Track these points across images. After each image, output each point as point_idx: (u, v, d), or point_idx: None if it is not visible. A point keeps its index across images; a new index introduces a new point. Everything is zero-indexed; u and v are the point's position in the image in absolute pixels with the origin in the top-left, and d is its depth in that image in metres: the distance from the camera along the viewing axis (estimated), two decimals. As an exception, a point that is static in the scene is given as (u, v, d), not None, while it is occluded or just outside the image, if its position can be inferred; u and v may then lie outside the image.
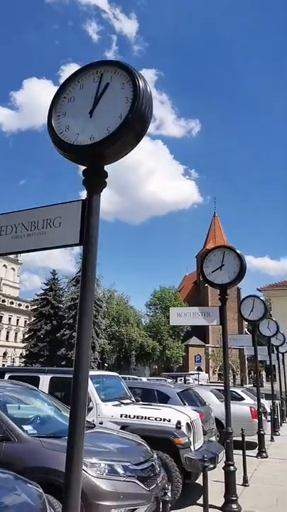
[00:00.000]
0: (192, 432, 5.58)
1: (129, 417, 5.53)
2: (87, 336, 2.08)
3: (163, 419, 5.40)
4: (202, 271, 6.03)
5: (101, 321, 50.79)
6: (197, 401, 7.99)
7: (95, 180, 2.23)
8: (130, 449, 4.13)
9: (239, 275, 5.78)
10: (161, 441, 5.22)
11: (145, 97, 2.09)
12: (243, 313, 9.54)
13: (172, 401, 7.43)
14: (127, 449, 4.09)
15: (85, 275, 2.14)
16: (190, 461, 5.12)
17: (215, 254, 6.05)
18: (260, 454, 8.68)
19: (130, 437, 4.57)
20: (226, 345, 5.64)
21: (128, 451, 4.04)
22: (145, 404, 6.08)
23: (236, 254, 5.90)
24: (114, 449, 3.85)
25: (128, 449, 4.07)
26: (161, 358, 66.59)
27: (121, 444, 4.23)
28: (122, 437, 4.51)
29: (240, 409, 10.05)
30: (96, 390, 5.81)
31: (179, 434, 5.21)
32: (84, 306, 2.12)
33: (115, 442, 4.21)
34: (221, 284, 5.88)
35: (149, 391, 7.76)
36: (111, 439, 4.32)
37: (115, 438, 4.43)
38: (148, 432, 5.28)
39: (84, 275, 2.14)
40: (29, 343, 50.67)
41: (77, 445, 2.01)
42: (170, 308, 6.16)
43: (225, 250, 6.01)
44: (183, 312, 6.02)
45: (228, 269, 5.88)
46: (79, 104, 2.25)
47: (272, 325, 12.86)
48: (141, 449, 4.27)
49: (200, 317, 5.94)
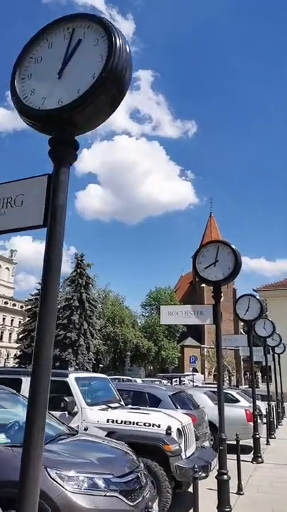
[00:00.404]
0: (184, 438, 5.25)
1: (116, 422, 5.19)
2: (48, 331, 1.76)
3: (152, 425, 5.06)
4: (195, 267, 5.70)
5: (96, 322, 50.38)
6: (189, 404, 7.67)
7: (63, 150, 1.85)
8: (114, 459, 3.79)
9: (233, 271, 5.45)
10: (150, 449, 4.89)
11: (123, 54, 1.77)
12: (238, 312, 9.22)
13: (163, 404, 7.10)
14: (111, 459, 3.74)
15: (49, 262, 1.80)
16: (181, 469, 4.78)
17: (209, 249, 5.72)
18: (255, 459, 8.36)
19: (115, 445, 4.22)
20: (220, 345, 5.31)
21: (112, 461, 3.70)
22: (134, 409, 5.74)
23: (231, 249, 5.57)
24: (96, 460, 3.50)
25: (111, 459, 3.73)
26: (157, 358, 66.25)
27: (104, 453, 3.89)
28: (107, 445, 4.17)
29: (235, 411, 9.74)
30: (81, 393, 5.46)
31: (169, 440, 4.88)
32: (48, 298, 1.80)
33: (98, 451, 3.88)
34: (214, 280, 5.54)
35: (140, 394, 7.42)
36: (94, 448, 3.98)
37: (99, 446, 4.09)
38: (135, 439, 4.95)
39: (48, 262, 1.80)
40: (23, 343, 50.16)
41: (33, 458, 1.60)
42: (161, 307, 5.82)
43: (219, 245, 5.68)
44: (175, 310, 5.68)
45: (222, 265, 5.55)
46: (47, 65, 1.91)
47: (268, 325, 12.55)
48: (126, 458, 3.93)
49: (193, 316, 5.61)
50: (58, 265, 1.81)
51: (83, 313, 47.54)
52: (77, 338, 46.22)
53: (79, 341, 46.13)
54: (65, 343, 46.03)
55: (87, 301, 48.15)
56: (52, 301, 1.82)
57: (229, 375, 68.13)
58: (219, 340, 5.35)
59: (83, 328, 46.88)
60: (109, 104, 1.81)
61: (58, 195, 1.81)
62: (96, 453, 3.78)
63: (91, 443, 4.15)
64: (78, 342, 46.10)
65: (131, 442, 4.90)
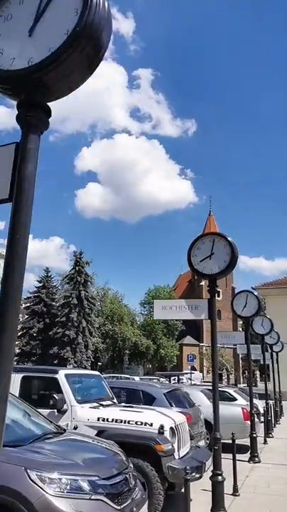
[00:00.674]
0: (177, 437, 5.05)
1: (107, 420, 4.99)
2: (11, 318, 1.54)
3: (145, 423, 4.86)
4: (190, 260, 5.50)
5: (94, 320, 50.22)
6: (185, 402, 7.47)
7: (34, 115, 1.62)
8: (101, 459, 3.59)
9: (229, 264, 5.26)
10: (141, 448, 4.70)
11: (99, 8, 1.59)
12: (235, 309, 9.03)
13: (158, 402, 6.91)
14: (98, 459, 3.55)
15: (13, 240, 1.58)
16: (173, 470, 4.58)
17: (204, 241, 5.52)
18: (252, 459, 8.17)
19: (104, 445, 4.03)
20: (215, 342, 5.12)
21: (99, 462, 3.50)
22: (127, 407, 5.54)
23: (227, 241, 5.37)
24: (81, 461, 3.30)
25: (98, 460, 3.53)
26: (155, 357, 66.11)
27: (92, 453, 3.69)
28: (95, 445, 3.98)
29: (232, 410, 9.55)
30: (72, 390, 5.26)
31: (161, 440, 4.68)
32: (11, 281, 1.57)
33: (85, 451, 3.68)
34: (210, 274, 5.35)
35: (134, 391, 7.23)
36: (81, 448, 3.78)
37: (86, 446, 3.89)
38: (127, 438, 4.75)
39: (12, 240, 1.58)
40: (21, 341, 49.92)
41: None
42: (155, 301, 5.61)
43: (215, 237, 5.48)
44: (169, 305, 5.48)
45: (218, 258, 5.35)
46: (17, 23, 1.73)
47: (266, 322, 12.37)
48: (114, 459, 3.73)
49: (187, 310, 5.41)
50: (24, 240, 1.57)
51: (81, 311, 47.34)
52: (76, 336, 46.04)
53: (77, 339, 45.96)
54: (63, 341, 45.86)
55: (85, 298, 47.95)
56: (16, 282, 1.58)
57: (227, 373, 68.05)
58: (214, 336, 5.16)
59: (81, 326, 46.69)
60: (84, 65, 1.62)
61: (26, 166, 1.59)
62: (83, 453, 3.59)
63: (79, 443, 3.95)
64: (76, 340, 45.92)
65: (122, 441, 4.71)
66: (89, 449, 3.84)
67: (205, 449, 5.68)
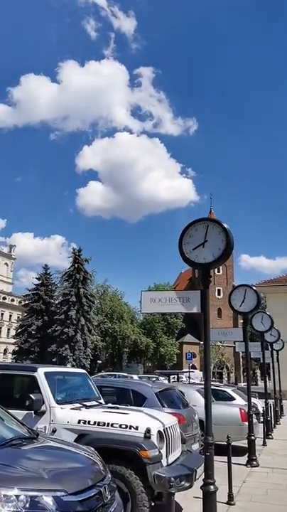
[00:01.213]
0: (166, 441, 4.60)
1: (89, 423, 4.53)
2: None
3: (129, 427, 4.41)
4: (181, 249, 5.03)
5: (93, 317, 49.77)
6: (178, 402, 7.02)
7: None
8: (73, 470, 3.13)
9: (224, 253, 4.79)
10: (125, 455, 4.24)
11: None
12: (233, 304, 8.56)
13: (149, 402, 6.46)
14: (69, 470, 3.09)
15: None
16: (160, 479, 4.12)
17: (197, 228, 5.06)
18: (250, 463, 7.72)
19: (81, 452, 3.58)
20: (208, 337, 4.66)
21: (70, 473, 3.04)
22: (112, 408, 5.08)
23: (222, 228, 4.91)
24: (48, 472, 2.84)
25: (69, 471, 3.07)
26: (155, 355, 65.70)
27: (64, 462, 3.23)
28: (69, 452, 3.52)
29: (229, 410, 9.11)
30: (51, 390, 4.81)
31: (147, 445, 4.22)
32: None
33: (56, 461, 3.22)
34: (203, 263, 4.89)
35: (123, 391, 6.78)
36: (52, 456, 3.32)
37: (59, 454, 3.43)
38: (109, 443, 4.30)
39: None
40: (20, 339, 49.50)
41: None
42: (143, 293, 5.14)
43: (209, 224, 5.01)
44: (158, 297, 5.01)
45: (212, 245, 4.89)
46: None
47: (266, 319, 11.90)
48: (90, 469, 3.28)
49: (178, 303, 4.95)
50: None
51: (80, 309, 46.87)
52: (74, 333, 45.57)
53: (76, 337, 45.49)
54: (61, 339, 45.41)
55: (84, 296, 47.47)
56: None
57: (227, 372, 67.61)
58: (207, 331, 4.70)
59: (80, 324, 46.21)
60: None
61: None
62: (53, 463, 3.13)
63: (51, 450, 3.50)
64: (75, 338, 45.45)
65: (104, 447, 4.27)
66: (62, 457, 3.38)
67: (198, 454, 5.21)
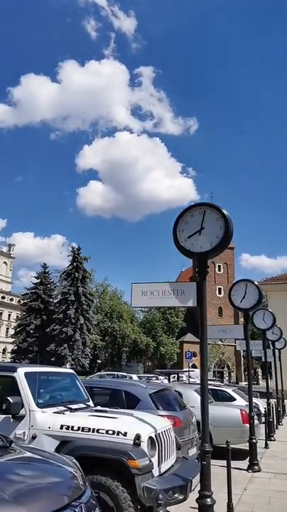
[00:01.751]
0: (158, 448, 4.15)
1: (72, 428, 4.09)
2: None
3: (117, 433, 3.96)
4: (176, 237, 4.59)
5: (92, 316, 49.37)
6: (174, 404, 6.58)
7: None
8: (44, 487, 2.68)
9: (222, 241, 4.35)
10: (112, 464, 3.80)
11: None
12: (233, 300, 8.11)
13: (142, 404, 6.03)
14: (39, 488, 2.64)
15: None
16: (150, 492, 3.67)
17: (193, 214, 4.61)
18: (251, 467, 7.27)
19: (60, 463, 3.13)
20: (205, 332, 4.21)
21: (40, 492, 2.59)
22: (100, 411, 4.64)
23: (221, 214, 4.46)
24: (12, 492, 2.39)
25: (40, 489, 2.62)
26: (155, 354, 65.24)
27: (35, 478, 2.78)
28: (44, 465, 3.07)
29: (229, 412, 8.66)
30: (32, 391, 4.36)
31: (136, 453, 3.78)
32: None
33: (26, 476, 2.77)
34: (199, 252, 4.44)
35: (115, 392, 6.34)
36: (22, 470, 2.87)
37: (31, 467, 2.99)
38: (94, 451, 3.86)
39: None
40: (18, 338, 49.12)
41: None
42: (133, 285, 4.68)
43: (206, 209, 4.56)
44: (150, 289, 4.56)
45: (209, 233, 4.44)
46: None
47: (268, 316, 11.46)
48: (66, 484, 2.82)
49: (172, 296, 4.50)
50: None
51: (79, 308, 46.48)
52: (73, 332, 45.18)
53: (75, 336, 45.10)
54: (60, 338, 45.04)
55: (83, 295, 47.07)
56: None
57: (228, 371, 67.12)
58: (204, 326, 4.25)
59: (79, 323, 45.81)
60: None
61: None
62: (22, 479, 2.68)
63: (23, 462, 3.05)
64: (74, 337, 45.06)
65: (88, 455, 3.84)
66: (35, 471, 2.93)
67: (194, 461, 4.77)
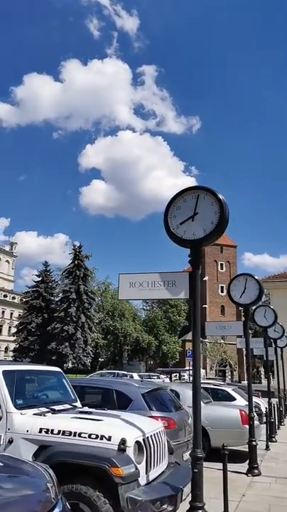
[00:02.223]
0: (146, 454, 3.79)
1: (52, 432, 3.73)
2: None
3: (100, 437, 3.60)
4: (167, 222, 4.22)
5: (94, 315, 49.10)
6: (169, 404, 6.21)
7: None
8: (10, 502, 2.32)
9: (217, 227, 3.99)
10: (93, 472, 3.44)
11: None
12: (232, 295, 7.73)
13: (134, 405, 5.67)
14: (3, 504, 2.28)
15: None
16: (134, 503, 3.31)
17: (186, 198, 4.25)
18: (251, 471, 6.89)
19: (32, 473, 2.77)
20: (197, 326, 3.85)
21: (3, 508, 2.23)
22: (84, 412, 4.27)
23: (215, 198, 4.10)
24: None
25: (3, 505, 2.26)
26: (157, 353, 64.94)
27: (3, 490, 2.42)
28: (14, 476, 2.71)
29: (228, 412, 8.29)
30: (10, 391, 4.01)
31: (120, 460, 3.41)
32: None
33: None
34: (192, 240, 4.08)
35: (106, 392, 5.98)
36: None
37: None
38: (74, 457, 3.49)
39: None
40: (19, 336, 48.90)
41: None
42: (120, 276, 4.32)
43: (199, 193, 4.20)
44: (138, 281, 4.19)
45: (203, 218, 4.09)
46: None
47: (269, 313, 11.07)
48: (35, 498, 2.47)
49: (162, 287, 4.13)
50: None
51: (80, 306, 46.20)
52: (75, 331, 44.90)
53: (76, 334, 44.83)
54: (61, 337, 44.78)
55: (84, 293, 46.78)
56: None
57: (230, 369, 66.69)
58: (197, 320, 3.88)
59: (80, 321, 45.53)
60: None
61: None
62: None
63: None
64: (75, 335, 44.79)
65: (68, 462, 3.48)
66: (2, 482, 2.58)
67: (188, 468, 4.39)
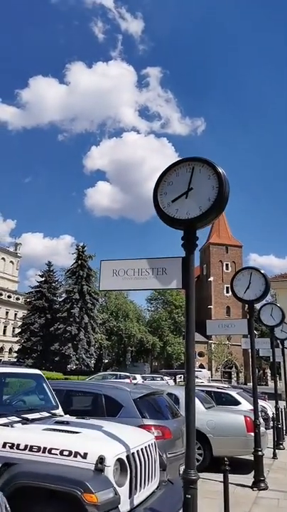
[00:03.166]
0: (131, 473, 3.17)
1: (18, 447, 3.13)
2: None
3: (74, 454, 2.99)
4: (156, 201, 3.61)
5: (97, 315, 48.46)
6: (165, 411, 5.59)
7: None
8: None
9: (215, 204, 3.35)
10: (63, 497, 2.82)
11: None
12: (235, 290, 7.09)
13: (125, 411, 5.06)
14: None
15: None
16: (112, 539, 2.70)
17: (179, 172, 3.62)
18: (257, 485, 6.24)
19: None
20: (192, 321, 3.22)
21: None
22: (60, 423, 3.66)
23: (213, 170, 3.46)
24: None
25: None
26: (162, 354, 64.26)
27: None
28: None
29: (232, 418, 7.64)
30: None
31: (95, 483, 2.80)
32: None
33: None
34: (186, 219, 3.45)
35: (94, 397, 5.36)
36: None
37: None
38: (40, 480, 2.88)
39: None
40: (22, 337, 48.39)
41: None
42: (102, 262, 3.72)
43: (195, 165, 3.56)
44: (123, 268, 3.57)
45: (198, 194, 3.46)
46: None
47: (276, 312, 10.41)
48: None
49: (151, 276, 3.51)
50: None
51: (84, 307, 45.60)
52: (77, 332, 44.30)
53: (79, 335, 44.22)
54: (64, 337, 44.17)
55: (87, 293, 46.17)
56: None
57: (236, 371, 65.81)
58: (190, 313, 3.26)
59: (83, 322, 44.93)
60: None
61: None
62: None
63: None
64: (78, 336, 44.18)
65: (33, 486, 2.87)
66: None
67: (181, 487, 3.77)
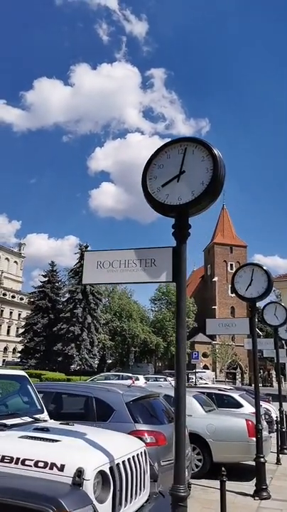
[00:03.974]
0: (114, 486, 2.84)
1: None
2: None
3: (50, 465, 2.67)
4: (145, 186, 3.28)
5: (100, 315, 48.20)
6: (160, 415, 5.24)
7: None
8: None
9: (209, 188, 3.01)
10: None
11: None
12: (237, 288, 6.75)
13: (117, 416, 4.73)
14: None
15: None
16: None
17: (170, 154, 3.29)
18: (258, 494, 5.89)
19: None
20: (182, 318, 2.90)
21: None
22: (39, 430, 3.33)
23: (208, 151, 3.13)
24: None
25: None
26: (166, 355, 63.87)
27: None
28: None
29: (233, 422, 7.28)
30: None
31: (71, 500, 2.47)
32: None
33: None
34: (177, 205, 3.12)
35: (85, 400, 5.03)
36: None
37: None
38: (9, 496, 2.56)
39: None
40: (25, 337, 48.21)
41: None
42: (85, 254, 3.39)
43: (188, 146, 3.23)
44: (108, 259, 3.23)
45: (191, 177, 3.13)
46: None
47: (280, 311, 10.07)
48: None
49: (138, 268, 3.17)
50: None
51: (87, 307, 45.36)
52: (81, 332, 44.06)
53: (82, 335, 43.97)
54: (67, 338, 43.95)
55: (90, 293, 45.93)
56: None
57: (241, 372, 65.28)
58: (182, 309, 2.93)
59: (87, 322, 44.68)
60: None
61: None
62: None
63: None
64: (81, 336, 43.94)
65: (1, 503, 2.55)
66: None
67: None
